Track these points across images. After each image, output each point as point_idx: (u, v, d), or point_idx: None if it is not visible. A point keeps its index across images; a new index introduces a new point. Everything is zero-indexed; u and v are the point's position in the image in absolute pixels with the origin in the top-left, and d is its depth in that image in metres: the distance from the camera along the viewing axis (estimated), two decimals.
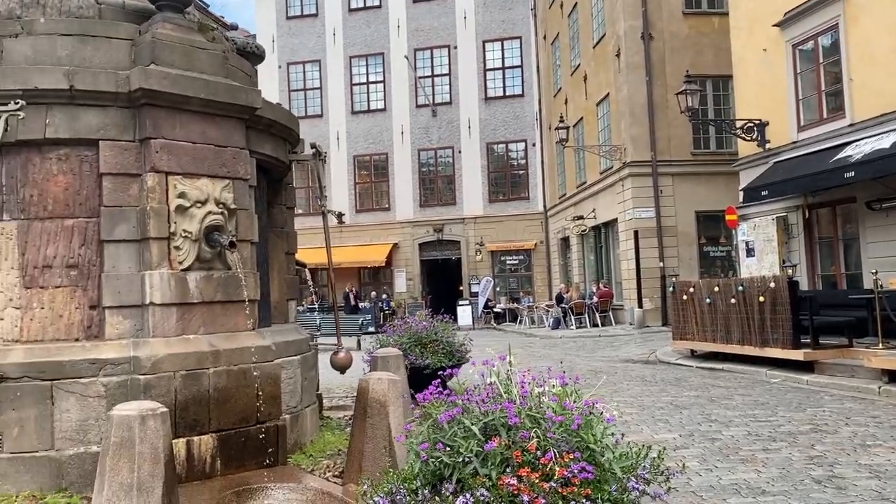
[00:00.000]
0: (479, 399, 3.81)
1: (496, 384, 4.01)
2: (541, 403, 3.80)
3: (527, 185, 32.55)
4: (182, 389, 5.54)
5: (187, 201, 5.69)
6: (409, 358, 9.41)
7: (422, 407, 4.01)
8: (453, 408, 3.82)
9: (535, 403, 3.87)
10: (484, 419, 3.69)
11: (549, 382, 4.05)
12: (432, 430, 3.83)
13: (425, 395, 4.02)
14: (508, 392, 3.96)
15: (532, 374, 4.25)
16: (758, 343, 11.45)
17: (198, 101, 5.82)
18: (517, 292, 32.06)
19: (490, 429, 3.69)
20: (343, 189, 33.31)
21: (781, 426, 7.15)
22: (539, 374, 4.31)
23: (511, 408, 3.64)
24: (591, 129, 24.93)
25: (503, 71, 32.75)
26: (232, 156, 6.06)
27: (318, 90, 33.86)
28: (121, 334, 5.56)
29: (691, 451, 6.25)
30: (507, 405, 3.65)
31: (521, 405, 3.81)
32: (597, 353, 15.34)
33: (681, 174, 21.28)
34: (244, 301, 6.03)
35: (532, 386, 3.96)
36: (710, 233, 21.49)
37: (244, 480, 5.58)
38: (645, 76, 21.16)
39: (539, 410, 3.76)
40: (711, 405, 8.48)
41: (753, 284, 11.59)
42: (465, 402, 3.85)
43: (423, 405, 4.00)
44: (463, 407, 3.82)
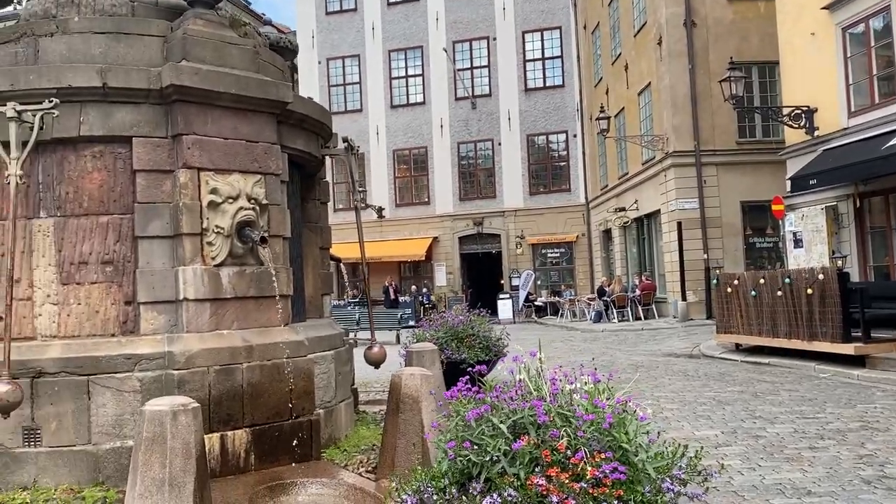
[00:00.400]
0: (508, 397, 3.71)
1: (525, 381, 3.92)
2: (572, 401, 3.69)
3: (568, 176, 32.22)
4: (216, 384, 5.55)
5: (219, 197, 5.69)
6: (446, 352, 9.34)
7: (449, 404, 3.94)
8: (481, 405, 3.73)
9: (567, 401, 3.77)
10: (512, 417, 3.60)
11: (580, 379, 3.94)
12: (460, 428, 3.76)
13: (453, 392, 3.93)
14: (538, 389, 3.87)
15: (564, 370, 4.14)
16: (806, 337, 11.11)
17: (229, 97, 5.82)
18: (558, 286, 31.81)
19: (519, 427, 3.59)
20: (383, 184, 33.39)
21: (830, 423, 6.90)
22: (573, 370, 4.21)
23: (540, 406, 3.54)
24: (632, 119, 24.54)
25: (543, 62, 32.43)
26: (263, 151, 6.04)
27: (357, 85, 33.97)
28: (155, 329, 5.60)
29: (733, 449, 6.07)
30: (535, 403, 3.55)
31: (550, 403, 3.71)
32: (638, 347, 15.09)
33: (725, 164, 20.80)
34: (277, 296, 6.02)
35: (563, 383, 3.85)
36: (757, 223, 20.98)
37: (278, 475, 5.58)
38: (688, 64, 20.72)
39: (570, 408, 3.65)
40: (756, 401, 8.24)
41: (801, 276, 11.25)
42: (494, 399, 3.77)
43: (450, 402, 3.92)
44: (491, 405, 3.73)
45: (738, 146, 20.92)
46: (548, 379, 4.02)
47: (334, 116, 32.17)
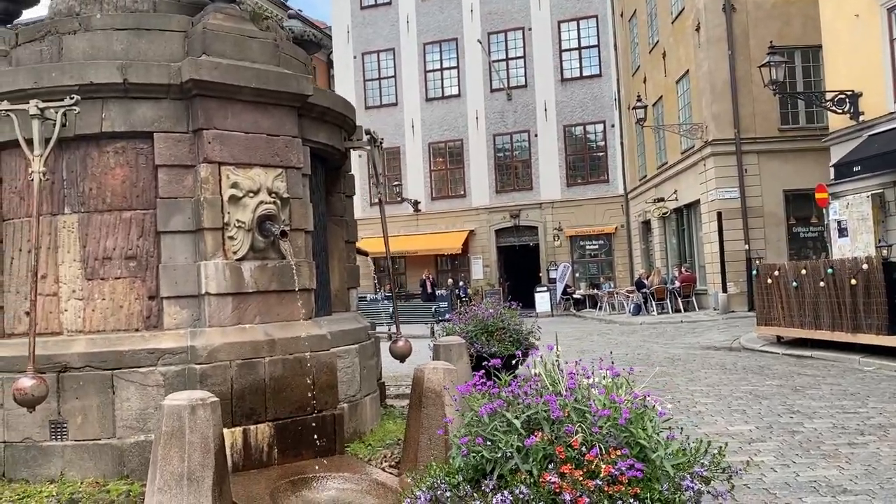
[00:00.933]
0: (523, 392, 3.61)
1: (542, 376, 3.81)
2: (589, 396, 3.58)
3: (606, 167, 31.79)
4: (238, 378, 5.55)
5: (240, 191, 5.68)
6: (476, 346, 9.26)
7: (464, 399, 3.86)
8: (495, 400, 3.64)
9: (584, 396, 3.66)
10: (526, 413, 3.51)
11: (597, 373, 3.82)
12: (473, 424, 3.67)
13: (467, 387, 3.85)
14: (555, 384, 3.76)
15: (583, 364, 4.03)
16: (849, 329, 10.76)
17: (249, 91, 5.80)
18: (597, 278, 31.43)
19: (533, 423, 3.50)
20: (419, 177, 33.36)
21: (871, 418, 6.65)
22: (591, 364, 4.09)
23: (554, 401, 3.44)
24: (670, 107, 24.08)
25: (579, 51, 32.01)
26: (284, 144, 6.02)
27: (393, 79, 33.94)
28: (178, 324, 5.62)
29: (768, 445, 5.87)
30: (549, 398, 3.45)
31: (566, 398, 3.61)
32: (676, 340, 14.81)
33: (767, 151, 20.29)
34: (297, 290, 5.99)
35: (580, 377, 3.73)
36: (800, 212, 20.42)
37: (300, 469, 5.56)
38: (727, 50, 20.23)
39: (586, 404, 3.54)
40: (795, 395, 7.99)
41: (844, 266, 10.89)
42: (509, 394, 3.67)
43: (465, 397, 3.84)
44: (505, 400, 3.64)
45: (780, 133, 20.39)
46: (566, 373, 3.91)
47: (370, 111, 32.24)
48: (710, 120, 20.51)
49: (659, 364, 11.03)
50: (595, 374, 3.79)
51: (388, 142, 33.42)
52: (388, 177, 33.97)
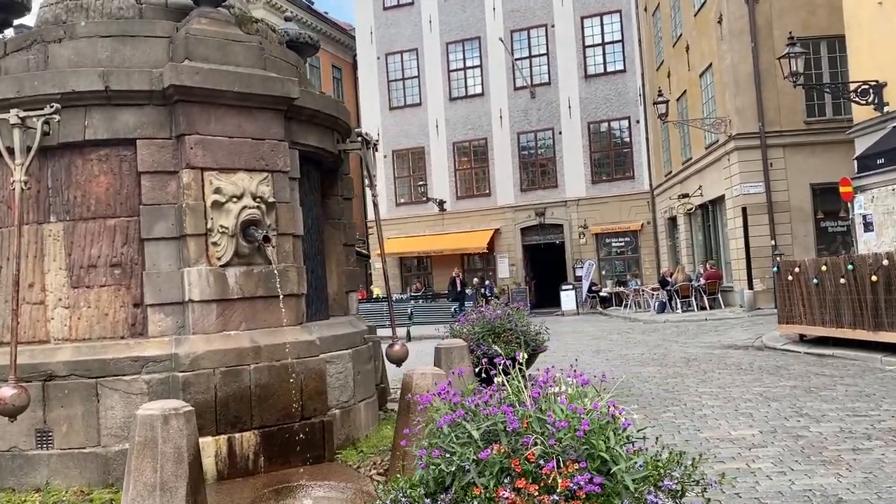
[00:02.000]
0: (483, 401, 3.49)
1: (505, 385, 3.69)
2: (553, 406, 3.44)
3: (631, 163, 31.39)
4: (222, 386, 5.50)
5: (223, 196, 5.64)
6: (482, 348, 9.13)
7: (425, 409, 3.75)
8: (456, 410, 3.53)
9: (548, 406, 3.53)
10: (485, 423, 3.39)
11: (561, 381, 3.68)
12: (434, 435, 3.57)
13: (427, 398, 3.74)
14: (519, 393, 3.63)
15: (553, 371, 3.89)
16: (871, 327, 10.42)
17: (232, 95, 5.76)
18: (624, 275, 31.06)
19: (492, 435, 3.37)
20: (443, 176, 33.27)
21: (882, 422, 6.39)
22: (560, 372, 3.95)
23: (510, 411, 3.31)
24: (694, 101, 23.67)
25: (603, 47, 31.65)
26: (270, 148, 5.96)
27: (416, 79, 33.90)
28: (163, 331, 5.59)
29: (768, 451, 5.66)
30: (505, 409, 3.33)
31: (528, 408, 3.48)
32: (697, 339, 14.51)
33: (793, 145, 19.83)
34: (280, 296, 5.94)
35: (545, 388, 3.59)
36: (829, 207, 19.90)
37: (286, 478, 5.50)
38: (750, 42, 19.81)
39: (547, 414, 3.41)
40: (807, 397, 7.74)
41: (864, 263, 10.55)
42: (472, 403, 3.56)
43: (426, 406, 3.73)
44: (467, 410, 3.52)
45: (806, 126, 19.91)
46: (538, 381, 3.78)
47: (394, 111, 32.38)
48: (733, 114, 20.10)
49: (674, 364, 10.80)
50: (558, 383, 3.65)
51: (412, 142, 33.77)
52: (413, 177, 33.99)
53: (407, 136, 33.83)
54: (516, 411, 3.39)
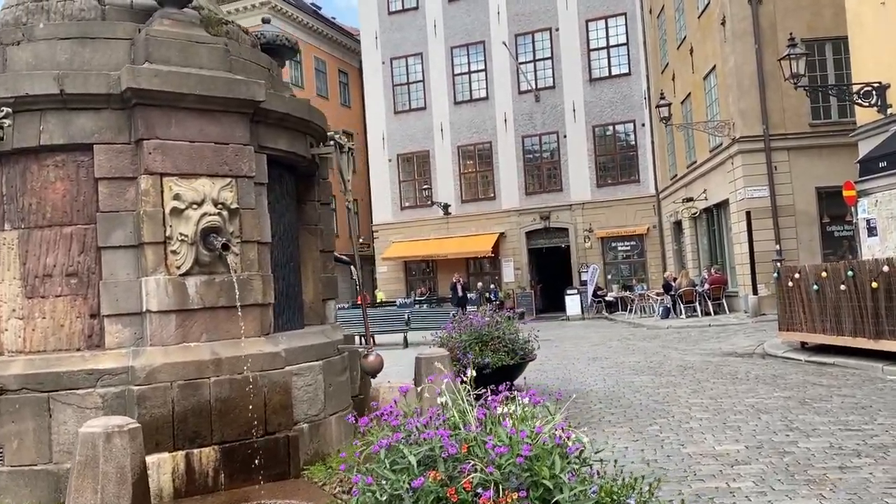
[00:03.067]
0: (422, 423, 3.27)
1: (448, 405, 3.47)
2: (495, 430, 3.22)
3: (637, 167, 31.10)
4: (180, 400, 5.30)
5: (182, 203, 5.45)
6: (468, 356, 8.90)
7: (362, 433, 3.54)
8: (394, 434, 3.31)
9: (494, 429, 3.30)
10: (420, 448, 3.16)
11: (509, 403, 3.45)
12: (369, 459, 3.35)
13: (365, 419, 3.53)
14: (463, 415, 3.41)
15: (503, 392, 3.67)
16: (872, 335, 10.11)
17: (193, 98, 5.56)
18: (630, 280, 30.73)
19: (430, 460, 3.15)
20: (448, 180, 33.09)
21: (875, 437, 6.11)
22: (512, 392, 3.73)
23: (446, 435, 3.09)
24: (699, 104, 23.36)
25: (608, 50, 31.40)
26: (234, 153, 5.77)
27: (421, 83, 33.75)
28: (120, 343, 5.40)
29: (751, 468, 5.40)
30: (441, 432, 3.10)
31: (470, 431, 3.26)
32: (698, 346, 14.22)
33: (798, 148, 19.50)
34: (251, 306, 5.74)
35: (488, 413, 3.36)
36: (835, 210, 19.51)
37: (246, 496, 5.29)
38: (754, 44, 19.51)
39: (498, 438, 3.18)
40: (800, 409, 7.46)
41: (865, 269, 10.25)
42: (412, 426, 3.34)
43: (366, 429, 3.52)
44: (405, 433, 3.30)
45: (811, 129, 19.58)
46: (489, 401, 3.56)
47: (398, 115, 32.31)
48: (737, 116, 19.80)
49: (669, 373, 10.53)
50: (503, 404, 3.42)
51: (417, 145, 33.61)
52: (418, 180, 33.81)
53: (412, 139, 33.68)
54: (455, 435, 3.18)
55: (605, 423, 7.37)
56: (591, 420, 7.55)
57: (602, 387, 9.64)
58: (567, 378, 10.64)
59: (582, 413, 7.97)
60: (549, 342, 17.24)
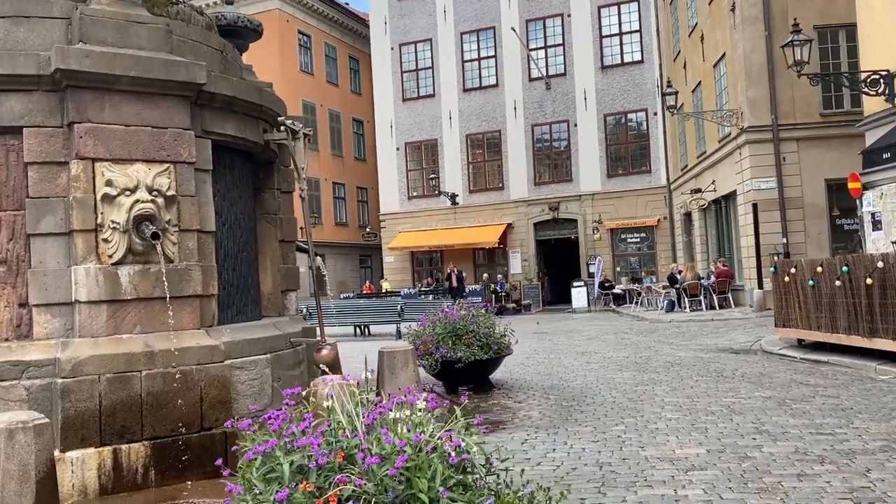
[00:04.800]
0: (300, 429, 3.03)
1: (334, 408, 3.23)
2: (372, 439, 2.97)
3: (648, 157, 30.58)
4: (108, 393, 5.12)
5: (114, 189, 5.25)
6: (441, 350, 8.67)
7: (242, 437, 3.31)
8: (271, 439, 3.07)
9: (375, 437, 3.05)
10: (293, 457, 2.93)
11: (402, 406, 3.20)
12: (246, 467, 3.12)
13: (244, 423, 3.31)
14: (351, 420, 3.16)
15: (400, 393, 3.42)
16: (865, 333, 9.73)
17: (128, 80, 5.36)
18: (638, 272, 30.30)
19: (304, 469, 2.92)
20: (456, 169, 32.76)
21: (844, 442, 5.79)
22: (421, 390, 3.48)
23: (316, 443, 2.85)
24: (708, 93, 22.85)
25: (620, 37, 30.84)
26: (173, 138, 5.55)
27: (430, 70, 33.39)
28: (49, 334, 5.23)
29: (705, 475, 5.11)
30: (312, 440, 2.86)
31: (356, 437, 3.02)
32: (694, 341, 13.87)
33: (807, 138, 18.99)
34: (190, 297, 5.54)
35: (378, 419, 3.11)
36: (844, 203, 18.93)
37: (175, 494, 5.11)
38: (764, 30, 18.98)
39: (380, 446, 2.93)
40: (777, 410, 7.14)
41: (860, 264, 9.86)
42: (292, 431, 3.10)
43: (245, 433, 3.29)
44: (282, 440, 3.07)
45: (822, 119, 19.05)
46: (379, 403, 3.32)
47: (407, 103, 31.82)
48: (745, 105, 19.30)
49: (653, 370, 10.22)
50: (397, 408, 3.17)
51: (425, 134, 33.31)
52: (426, 170, 33.52)
53: (420, 127, 33.38)
54: (330, 443, 2.94)
55: (572, 421, 7.11)
56: (556, 418, 7.29)
57: (581, 383, 9.36)
58: (548, 373, 10.37)
59: (552, 410, 7.70)
60: (543, 335, 17.01)
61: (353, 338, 18.79)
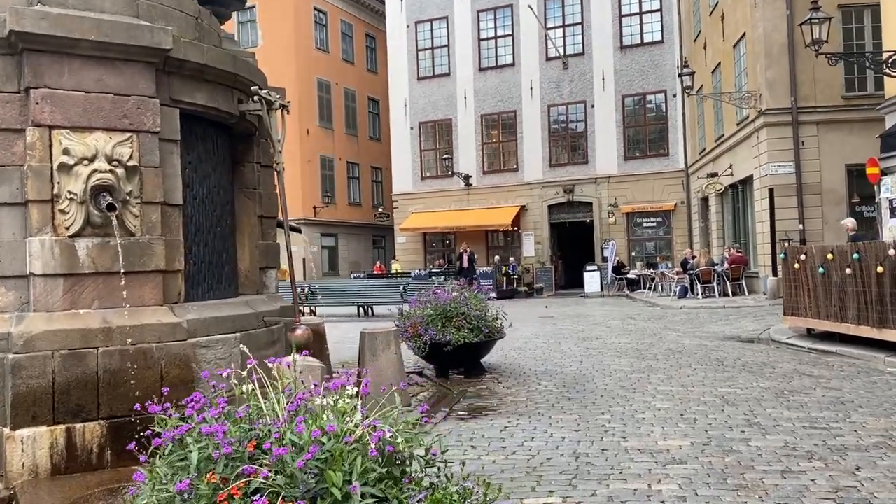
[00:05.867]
0: (213, 415, 2.81)
1: (256, 394, 3.00)
2: (286, 428, 2.73)
3: (666, 140, 29.99)
4: (62, 370, 4.93)
5: (72, 158, 5.03)
6: (430, 333, 8.43)
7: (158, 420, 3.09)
8: (184, 425, 2.85)
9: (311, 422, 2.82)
10: (200, 443, 2.71)
11: (330, 393, 2.96)
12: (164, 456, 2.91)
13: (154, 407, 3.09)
14: (275, 404, 2.93)
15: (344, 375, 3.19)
16: (875, 323, 9.36)
17: (89, 44, 5.12)
18: (654, 257, 29.84)
19: (212, 458, 2.69)
20: (470, 150, 32.39)
21: (838, 437, 5.49)
22: (356, 373, 3.24)
23: (221, 430, 2.62)
24: (728, 74, 22.27)
25: (640, 16, 30.18)
26: (136, 105, 5.32)
27: (446, 48, 32.94)
28: (3, 308, 5.06)
29: (684, 468, 4.84)
30: (217, 427, 2.63)
31: (273, 425, 2.78)
32: (701, 328, 13.52)
33: (828, 122, 18.43)
34: (152, 272, 5.33)
35: (301, 405, 2.87)
36: (865, 190, 18.34)
37: (132, 475, 4.91)
38: (785, 9, 18.38)
39: (295, 435, 2.70)
40: (772, 401, 6.83)
41: (871, 251, 9.47)
42: (212, 416, 2.87)
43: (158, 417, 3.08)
44: (195, 425, 2.84)
45: (844, 101, 18.46)
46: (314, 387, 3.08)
47: (422, 81, 31.31)
48: (763, 87, 18.75)
49: (653, 357, 9.92)
50: (327, 394, 2.94)
51: (440, 113, 32.94)
52: (439, 150, 33.17)
53: (434, 107, 33.00)
54: (243, 429, 2.71)
55: (557, 409, 6.85)
56: (543, 405, 7.03)
57: (575, 369, 9.09)
58: (544, 358, 10.10)
59: (540, 397, 7.45)
60: (549, 319, 16.73)
61: (357, 318, 18.62)
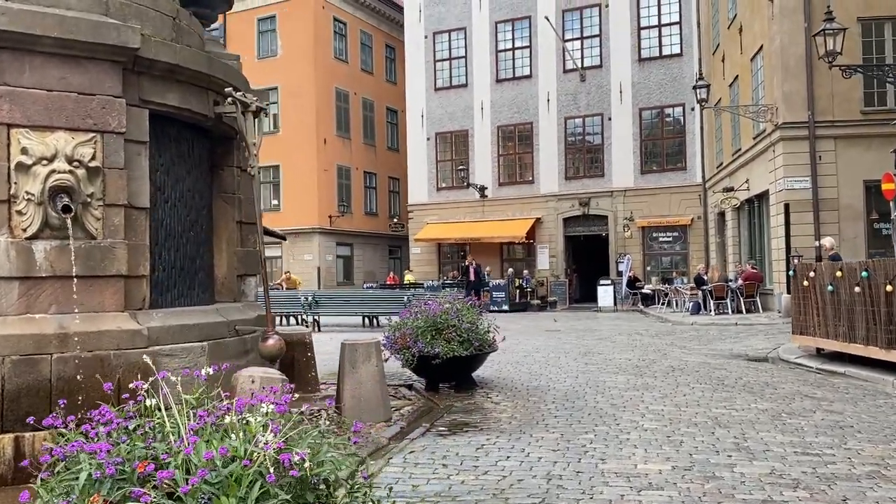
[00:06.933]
0: (104, 431, 2.60)
1: (159, 407, 2.79)
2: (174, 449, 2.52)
3: (684, 153, 29.58)
4: (12, 377, 4.78)
5: (30, 158, 4.90)
6: (418, 345, 8.20)
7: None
8: (76, 441, 2.65)
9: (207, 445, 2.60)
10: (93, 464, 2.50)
11: (250, 409, 2.75)
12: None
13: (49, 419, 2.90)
14: (175, 425, 2.72)
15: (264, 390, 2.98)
16: (884, 343, 8.99)
17: (51, 41, 5.00)
18: (670, 272, 29.38)
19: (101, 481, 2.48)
20: (486, 162, 32.19)
21: (829, 465, 5.17)
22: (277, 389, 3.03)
23: (105, 450, 2.41)
24: (745, 87, 21.90)
25: (659, 28, 29.87)
26: (101, 105, 5.18)
27: (463, 59, 32.84)
28: None
29: (660, 496, 4.56)
30: (100, 445, 2.43)
31: (175, 445, 2.57)
32: (708, 346, 13.16)
33: (846, 136, 18.00)
34: (112, 276, 5.16)
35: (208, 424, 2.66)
36: (884, 206, 17.90)
37: None
38: (803, 22, 18.00)
39: (196, 456, 2.49)
40: (767, 424, 6.51)
41: (880, 269, 9.11)
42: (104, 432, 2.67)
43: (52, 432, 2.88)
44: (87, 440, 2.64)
45: (863, 116, 18.02)
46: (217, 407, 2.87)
47: (439, 92, 31.21)
48: (780, 100, 18.37)
49: (652, 375, 9.61)
50: (233, 414, 2.72)
51: (456, 124, 32.80)
52: (455, 161, 33.01)
53: (451, 118, 32.87)
54: (123, 448, 2.50)
55: (541, 426, 6.58)
56: (526, 422, 6.77)
57: (569, 385, 8.81)
58: (539, 373, 9.82)
59: (526, 413, 7.18)
60: (555, 333, 16.43)
61: (361, 328, 18.43)
